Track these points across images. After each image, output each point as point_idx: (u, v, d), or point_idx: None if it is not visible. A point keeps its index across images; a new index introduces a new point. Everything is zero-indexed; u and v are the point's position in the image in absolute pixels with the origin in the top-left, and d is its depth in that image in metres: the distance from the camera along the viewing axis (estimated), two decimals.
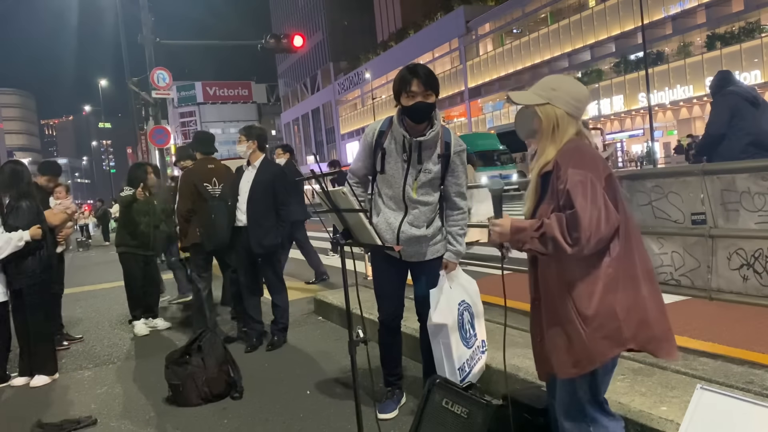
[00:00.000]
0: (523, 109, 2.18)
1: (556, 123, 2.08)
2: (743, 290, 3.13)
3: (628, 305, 2.01)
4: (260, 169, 5.11)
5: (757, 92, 5.22)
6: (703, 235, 3.27)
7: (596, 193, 1.94)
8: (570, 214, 1.93)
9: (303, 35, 14.63)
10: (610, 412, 2.19)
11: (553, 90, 2.11)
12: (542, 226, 1.98)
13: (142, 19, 13.81)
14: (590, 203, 1.92)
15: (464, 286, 3.42)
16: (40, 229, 4.68)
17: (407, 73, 3.08)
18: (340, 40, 75.59)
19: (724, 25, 31.52)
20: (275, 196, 5.06)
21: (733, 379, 2.89)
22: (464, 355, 3.33)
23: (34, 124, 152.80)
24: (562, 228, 1.93)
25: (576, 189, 1.94)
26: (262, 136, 5.26)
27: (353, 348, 2.72)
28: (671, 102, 33.79)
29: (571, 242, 1.92)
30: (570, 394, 2.14)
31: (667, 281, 3.48)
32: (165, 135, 14.50)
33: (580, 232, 1.90)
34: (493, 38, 48.93)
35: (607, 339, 1.99)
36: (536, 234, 1.99)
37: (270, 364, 4.77)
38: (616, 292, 2.00)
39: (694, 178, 3.31)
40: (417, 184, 3.21)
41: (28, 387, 4.69)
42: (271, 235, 5.04)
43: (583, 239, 1.91)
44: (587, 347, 2.00)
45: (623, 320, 2.00)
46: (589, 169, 1.98)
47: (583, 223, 1.90)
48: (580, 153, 2.04)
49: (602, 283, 1.99)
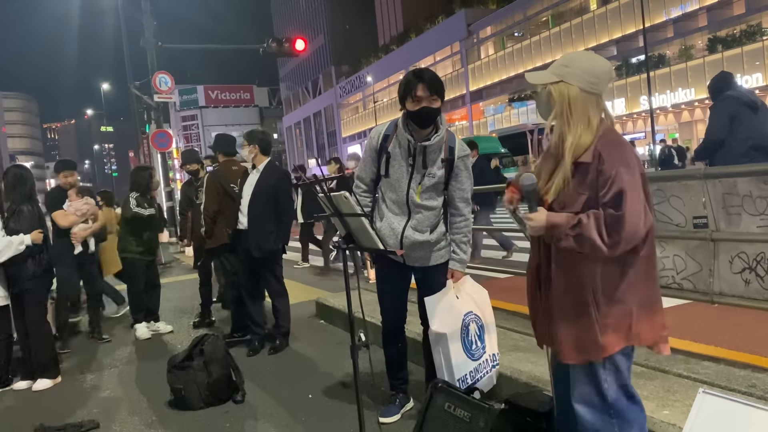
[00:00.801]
0: (542, 89, 2.12)
1: (569, 102, 2.02)
2: (745, 294, 3.12)
3: (643, 303, 2.04)
4: (263, 173, 5.11)
5: (756, 96, 5.23)
6: (705, 239, 3.26)
7: (641, 197, 1.94)
8: (615, 217, 1.90)
9: (305, 39, 14.67)
10: (636, 400, 2.16)
11: (566, 66, 2.05)
12: (579, 224, 1.94)
13: (144, 24, 13.87)
14: (637, 208, 1.91)
15: (473, 297, 3.37)
16: (41, 234, 4.69)
17: (412, 77, 3.06)
18: (342, 43, 75.60)
19: (726, 28, 31.49)
20: (277, 201, 5.06)
21: (735, 383, 2.88)
22: (466, 367, 3.28)
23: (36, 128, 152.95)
24: (601, 229, 1.91)
25: (629, 193, 1.91)
26: (265, 140, 5.25)
27: (355, 352, 2.72)
28: (673, 105, 33.73)
29: (609, 244, 1.91)
30: (591, 384, 2.11)
31: (669, 285, 3.48)
32: (167, 138, 14.56)
33: (621, 235, 1.90)
34: (494, 41, 48.93)
35: (616, 333, 2.02)
36: (572, 232, 1.95)
37: (272, 367, 4.77)
38: (635, 291, 2.02)
39: (696, 182, 3.31)
40: (421, 188, 3.20)
41: (31, 391, 4.69)
42: (272, 240, 5.03)
43: (622, 243, 1.91)
44: (597, 338, 2.02)
45: (635, 319, 2.03)
46: (637, 170, 1.96)
47: (627, 228, 1.89)
48: (626, 150, 2.01)
49: (626, 281, 2.01)
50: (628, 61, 36.37)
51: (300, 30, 74.90)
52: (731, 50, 30.33)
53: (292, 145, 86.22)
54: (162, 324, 6.41)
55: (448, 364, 3.23)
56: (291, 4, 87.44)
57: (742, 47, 29.91)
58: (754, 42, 29.66)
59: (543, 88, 2.11)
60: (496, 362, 3.48)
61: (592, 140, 2.01)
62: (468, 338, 3.30)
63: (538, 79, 2.11)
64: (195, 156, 7.24)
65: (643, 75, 31.63)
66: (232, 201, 5.44)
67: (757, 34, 29.88)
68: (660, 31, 34.55)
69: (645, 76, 29.68)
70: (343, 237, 2.83)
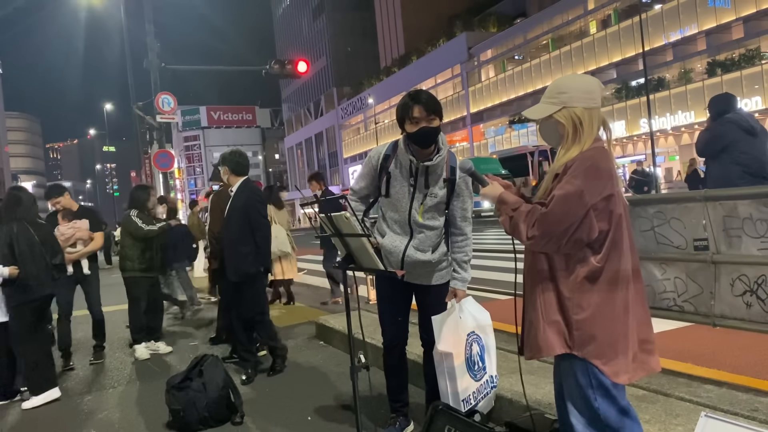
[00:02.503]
0: (544, 121, 2.20)
1: (579, 122, 2.12)
2: (747, 317, 3.11)
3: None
4: (236, 194, 5.03)
5: (755, 120, 5.26)
6: (706, 261, 3.26)
7: (579, 206, 2.01)
8: (543, 214, 2.05)
9: (307, 61, 14.77)
10: (632, 415, 2.19)
11: (563, 93, 2.14)
12: (517, 209, 2.13)
13: (148, 45, 13.98)
14: (563, 211, 2.02)
15: (475, 317, 3.36)
16: (17, 270, 4.69)
17: (409, 99, 3.09)
18: (344, 65, 76.25)
19: (725, 52, 31.77)
20: (249, 221, 4.94)
21: (738, 407, 2.86)
22: (470, 388, 3.27)
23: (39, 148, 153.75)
24: (529, 221, 2.08)
25: (559, 197, 2.03)
26: (234, 160, 5.09)
27: (355, 374, 2.71)
28: (673, 127, 33.90)
29: (528, 235, 2.08)
30: (574, 384, 2.18)
31: (670, 307, 3.47)
32: (169, 159, 14.61)
33: (541, 231, 2.05)
34: (495, 64, 49.35)
35: (558, 336, 2.13)
36: (510, 213, 2.15)
37: (271, 389, 4.74)
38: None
39: (696, 204, 3.31)
40: (423, 208, 3.21)
41: (29, 410, 4.68)
42: (248, 262, 4.91)
43: (538, 238, 2.06)
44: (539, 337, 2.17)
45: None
46: (581, 181, 2.03)
47: (545, 227, 2.04)
48: (592, 164, 2.06)
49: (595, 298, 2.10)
50: (627, 84, 36.63)
51: (302, 52, 75.69)
52: (730, 74, 30.57)
53: (294, 165, 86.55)
54: (162, 344, 6.38)
55: (453, 384, 3.20)
56: (294, 27, 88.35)
57: (741, 71, 30.14)
58: (753, 66, 29.90)
59: (544, 122, 2.19)
60: (495, 384, 3.46)
61: (577, 154, 2.11)
62: (471, 358, 3.29)
63: (539, 113, 2.19)
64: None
65: (642, 98, 31.84)
66: None
67: (756, 58, 30.12)
68: (659, 54, 34.85)
69: (645, 99, 29.88)
70: (344, 257, 2.83)
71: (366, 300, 6.65)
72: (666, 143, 36.10)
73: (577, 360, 2.12)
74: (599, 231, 2.04)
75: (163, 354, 6.25)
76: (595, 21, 40.97)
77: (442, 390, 3.26)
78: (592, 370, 2.10)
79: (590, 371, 2.11)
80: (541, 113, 2.17)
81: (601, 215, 2.04)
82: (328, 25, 77.42)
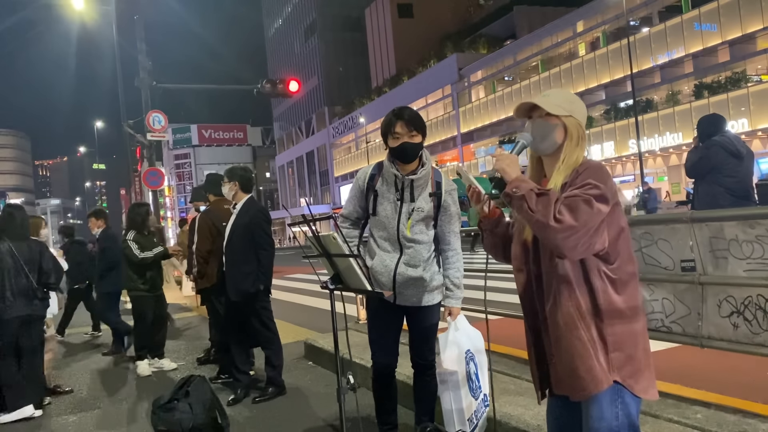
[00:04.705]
0: (542, 121, 2.14)
1: (580, 134, 2.13)
2: (734, 338, 3.12)
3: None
4: (240, 211, 4.98)
5: (741, 143, 5.32)
6: (693, 282, 3.28)
7: (605, 206, 1.95)
8: (585, 201, 1.90)
9: (299, 80, 14.85)
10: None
11: (572, 103, 2.16)
12: (545, 193, 1.93)
13: (140, 63, 14.00)
14: (599, 210, 1.91)
15: (470, 336, 3.36)
16: None
17: (392, 116, 3.18)
18: (335, 85, 76.63)
19: (711, 75, 32.22)
20: (253, 239, 4.90)
21: (726, 428, 2.86)
22: (472, 406, 3.26)
23: (28, 165, 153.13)
24: (558, 207, 1.89)
25: (592, 196, 1.92)
26: (245, 176, 5.08)
27: (342, 395, 2.69)
28: (661, 148, 34.23)
29: (557, 220, 1.88)
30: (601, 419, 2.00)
31: (658, 328, 3.47)
32: (159, 177, 14.56)
33: (578, 222, 1.88)
34: (485, 85, 49.78)
35: (601, 367, 1.96)
36: (537, 191, 1.94)
37: (258, 410, 4.69)
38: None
39: (683, 225, 3.34)
40: (411, 222, 3.24)
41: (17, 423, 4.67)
42: (249, 281, 4.85)
43: (570, 232, 1.87)
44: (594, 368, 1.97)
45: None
46: (607, 184, 1.98)
47: (587, 218, 1.89)
48: (601, 167, 2.05)
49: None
50: (616, 105, 37.03)
51: (294, 71, 75.96)
52: (717, 96, 30.96)
53: (285, 184, 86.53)
54: (166, 361, 6.31)
55: (459, 402, 3.19)
56: (286, 46, 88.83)
57: (727, 93, 30.53)
58: (739, 88, 30.31)
59: (544, 120, 2.13)
60: (488, 403, 3.45)
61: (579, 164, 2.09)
62: (469, 376, 3.29)
63: (553, 109, 2.12)
64: (202, 193, 7.11)
65: (631, 119, 32.19)
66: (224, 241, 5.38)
67: (742, 80, 30.55)
68: (647, 76, 35.30)
69: (633, 120, 30.19)
70: (331, 277, 2.82)
71: (356, 320, 6.62)
72: (654, 164, 36.41)
73: (605, 391, 1.96)
74: (610, 239, 1.99)
75: (167, 371, 6.18)
76: (584, 43, 41.50)
77: (445, 409, 3.25)
78: (622, 394, 1.97)
79: (620, 396, 1.97)
80: (553, 109, 2.12)
81: (612, 224, 2.00)
82: (319, 45, 77.92)
